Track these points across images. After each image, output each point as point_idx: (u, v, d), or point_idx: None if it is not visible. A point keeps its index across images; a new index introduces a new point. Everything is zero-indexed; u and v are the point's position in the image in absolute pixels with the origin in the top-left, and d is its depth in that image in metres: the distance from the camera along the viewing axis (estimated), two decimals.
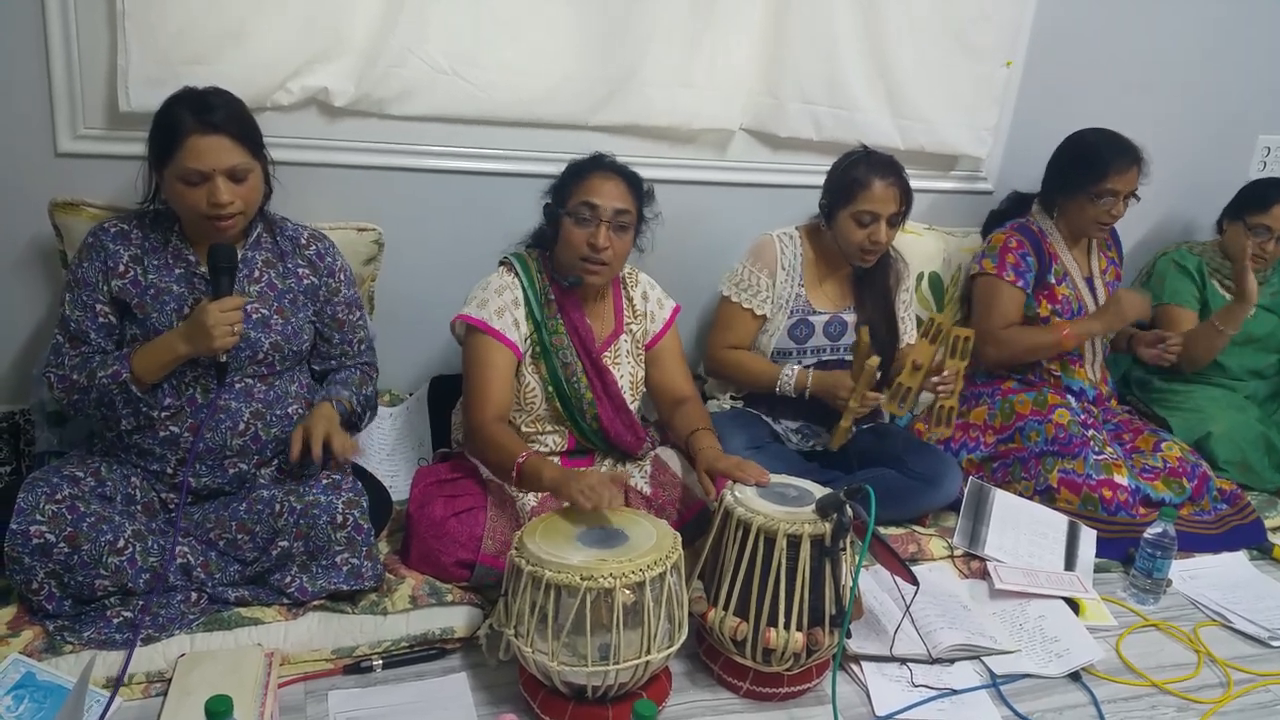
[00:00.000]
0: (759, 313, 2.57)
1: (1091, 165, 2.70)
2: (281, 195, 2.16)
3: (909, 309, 2.73)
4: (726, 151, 2.85)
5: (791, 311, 2.56)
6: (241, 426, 2.01)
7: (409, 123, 2.51)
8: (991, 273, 2.79)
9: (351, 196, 2.52)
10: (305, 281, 2.12)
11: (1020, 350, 2.79)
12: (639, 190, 2.23)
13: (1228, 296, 3.03)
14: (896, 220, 2.49)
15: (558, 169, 2.26)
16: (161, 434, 1.97)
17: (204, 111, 1.89)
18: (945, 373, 2.42)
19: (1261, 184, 3.02)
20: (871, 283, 2.61)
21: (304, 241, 2.14)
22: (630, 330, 2.33)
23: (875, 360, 2.33)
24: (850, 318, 2.60)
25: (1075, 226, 2.81)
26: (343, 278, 2.18)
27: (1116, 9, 3.07)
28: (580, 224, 2.15)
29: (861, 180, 2.43)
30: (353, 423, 2.18)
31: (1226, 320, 2.87)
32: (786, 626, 1.83)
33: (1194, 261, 3.07)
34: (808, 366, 2.55)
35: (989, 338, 2.80)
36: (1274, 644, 2.22)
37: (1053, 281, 2.79)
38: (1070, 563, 2.41)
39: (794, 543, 1.81)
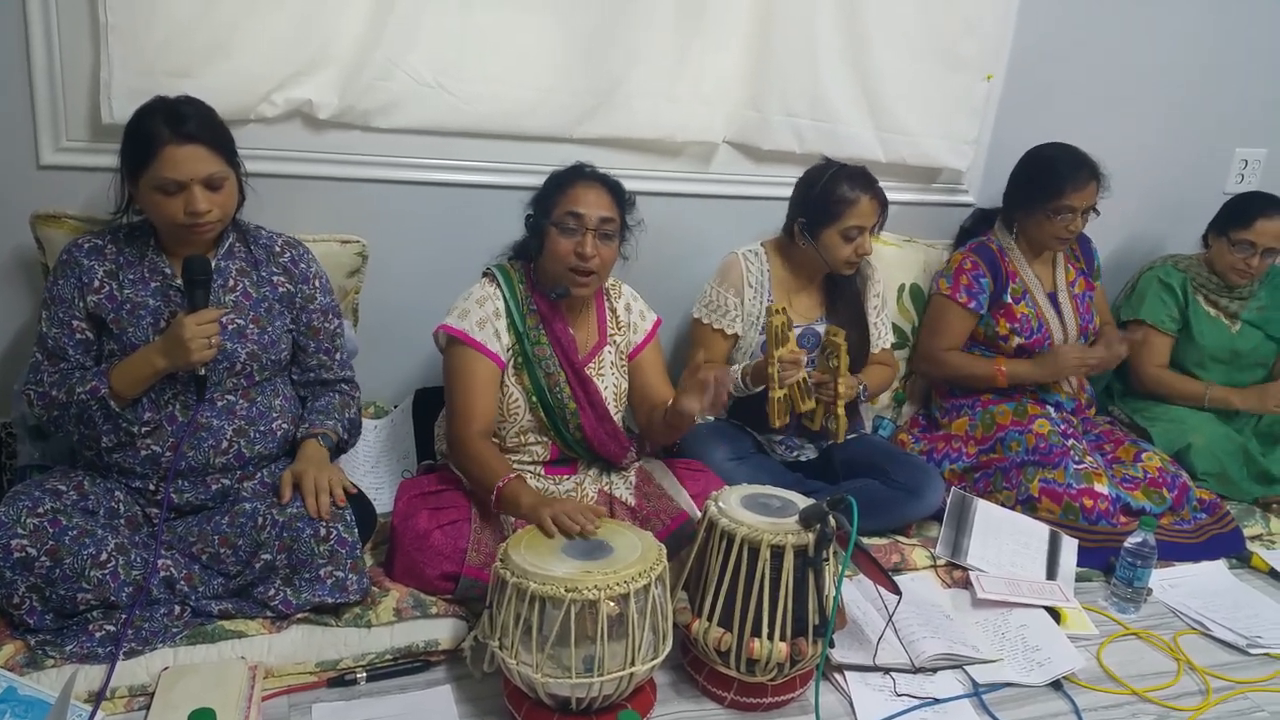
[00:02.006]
0: (730, 332, 2.59)
1: (1049, 182, 2.73)
2: (265, 207, 2.16)
3: (880, 313, 2.74)
4: (710, 164, 2.87)
5: (762, 328, 2.57)
6: (224, 444, 2.00)
7: (393, 135, 2.52)
8: (945, 293, 2.83)
9: (335, 209, 2.52)
10: (280, 289, 2.11)
11: (955, 376, 2.88)
12: (621, 198, 2.24)
13: (1212, 312, 3.07)
14: (877, 228, 2.54)
15: (542, 181, 2.27)
16: (143, 453, 1.97)
17: (178, 121, 1.89)
18: (814, 379, 2.43)
19: (1244, 199, 3.04)
20: (842, 290, 2.63)
21: (278, 249, 2.14)
22: (614, 341, 2.34)
23: (780, 319, 2.29)
24: (822, 328, 2.61)
25: (1035, 242, 2.84)
26: (318, 284, 2.17)
27: (1096, 23, 3.10)
28: (566, 234, 2.16)
29: (849, 198, 2.46)
30: (339, 449, 2.18)
31: (1215, 402, 2.98)
32: (770, 637, 1.83)
33: (1179, 278, 3.09)
34: None
35: (929, 356, 2.89)
36: (1252, 652, 2.24)
37: (1009, 300, 2.81)
38: (1052, 572, 2.43)
39: (777, 553, 1.82)
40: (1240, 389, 2.99)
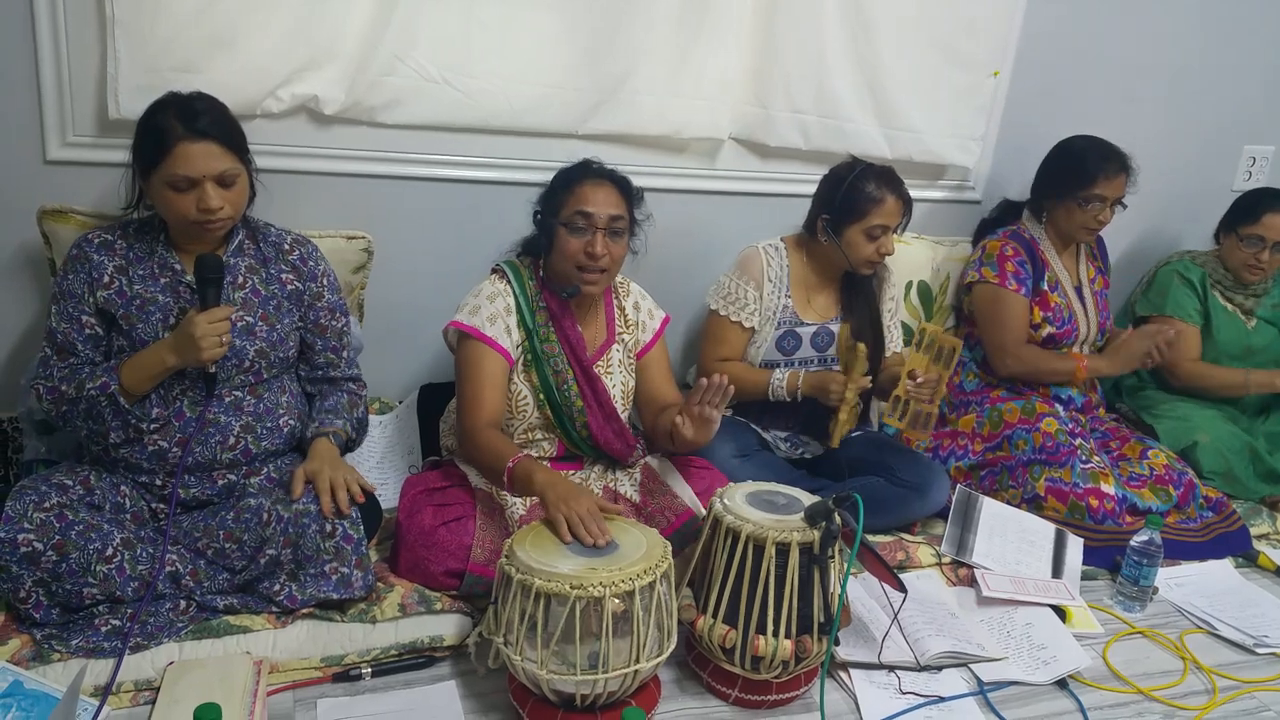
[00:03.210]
0: (747, 325, 2.58)
1: (1080, 171, 2.73)
2: (271, 203, 2.16)
3: (894, 316, 2.74)
4: (716, 160, 2.86)
5: (779, 323, 2.57)
6: (231, 440, 2.00)
7: (399, 130, 2.52)
8: (993, 281, 2.80)
9: (341, 204, 2.52)
10: (289, 287, 2.11)
11: (1038, 372, 2.82)
12: (630, 194, 2.23)
13: (1228, 308, 3.07)
14: (900, 229, 2.54)
15: (548, 177, 2.26)
16: (150, 449, 1.97)
17: (191, 118, 1.89)
18: (920, 378, 2.42)
19: (1251, 195, 3.04)
20: (860, 290, 2.63)
21: (287, 247, 2.14)
22: (622, 340, 2.34)
23: (863, 347, 2.35)
24: (836, 328, 2.61)
25: (1063, 232, 2.84)
26: (326, 283, 2.17)
27: (1102, 19, 3.09)
28: (575, 233, 2.16)
29: (875, 196, 2.45)
30: (347, 447, 2.18)
31: (1261, 386, 2.97)
32: (775, 634, 1.83)
33: (1198, 273, 3.09)
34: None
35: (1007, 352, 2.82)
36: (1259, 651, 2.23)
37: (1046, 289, 2.82)
38: (1057, 570, 2.42)
39: (782, 550, 1.82)
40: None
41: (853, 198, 2.47)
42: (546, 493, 1.89)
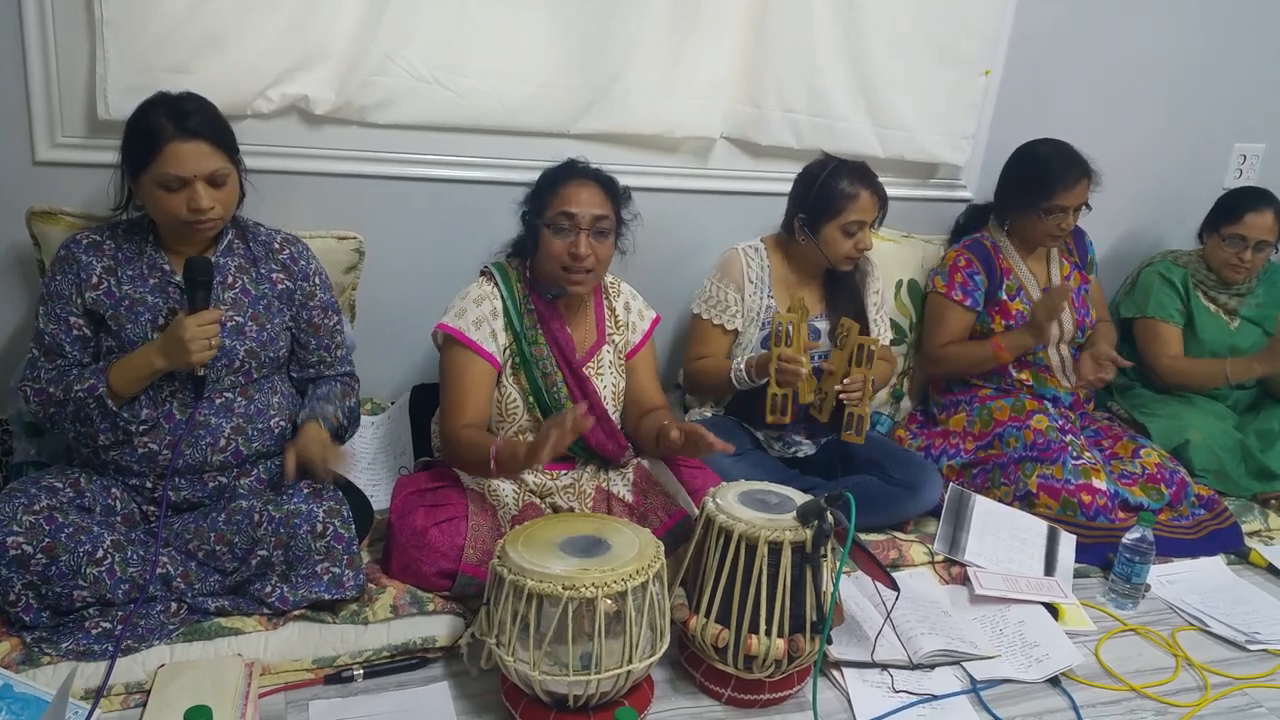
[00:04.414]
0: (729, 327, 2.58)
1: (1039, 182, 2.72)
2: (262, 203, 2.15)
3: (880, 310, 2.74)
4: (708, 160, 2.86)
5: (764, 324, 2.57)
6: (222, 442, 2.00)
7: (390, 130, 2.51)
8: (941, 291, 2.83)
9: (332, 204, 2.51)
10: (280, 287, 2.11)
11: (959, 367, 2.85)
12: (615, 193, 2.22)
13: (1211, 308, 3.07)
14: (877, 224, 2.54)
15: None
16: (140, 451, 1.96)
17: (182, 117, 1.88)
18: (847, 380, 2.43)
19: (1233, 195, 3.05)
20: (843, 285, 2.63)
21: (277, 246, 2.13)
22: (612, 341, 2.33)
23: (789, 317, 2.34)
24: (823, 325, 2.61)
25: (1027, 240, 2.84)
26: (318, 281, 2.17)
27: (1094, 18, 3.09)
28: (559, 234, 2.15)
29: (850, 193, 2.46)
30: (339, 436, 2.17)
31: (1238, 374, 2.95)
32: (768, 633, 1.83)
33: (1179, 274, 3.09)
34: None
35: (929, 355, 2.88)
36: (1251, 648, 2.24)
37: (1004, 297, 2.81)
38: (1050, 568, 2.43)
39: (775, 550, 1.82)
40: (1256, 355, 2.95)
41: (827, 195, 2.47)
42: (537, 450, 1.89)
